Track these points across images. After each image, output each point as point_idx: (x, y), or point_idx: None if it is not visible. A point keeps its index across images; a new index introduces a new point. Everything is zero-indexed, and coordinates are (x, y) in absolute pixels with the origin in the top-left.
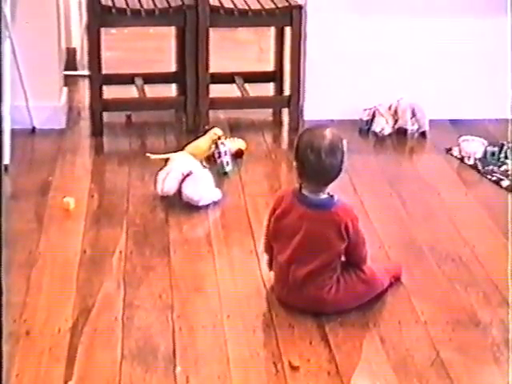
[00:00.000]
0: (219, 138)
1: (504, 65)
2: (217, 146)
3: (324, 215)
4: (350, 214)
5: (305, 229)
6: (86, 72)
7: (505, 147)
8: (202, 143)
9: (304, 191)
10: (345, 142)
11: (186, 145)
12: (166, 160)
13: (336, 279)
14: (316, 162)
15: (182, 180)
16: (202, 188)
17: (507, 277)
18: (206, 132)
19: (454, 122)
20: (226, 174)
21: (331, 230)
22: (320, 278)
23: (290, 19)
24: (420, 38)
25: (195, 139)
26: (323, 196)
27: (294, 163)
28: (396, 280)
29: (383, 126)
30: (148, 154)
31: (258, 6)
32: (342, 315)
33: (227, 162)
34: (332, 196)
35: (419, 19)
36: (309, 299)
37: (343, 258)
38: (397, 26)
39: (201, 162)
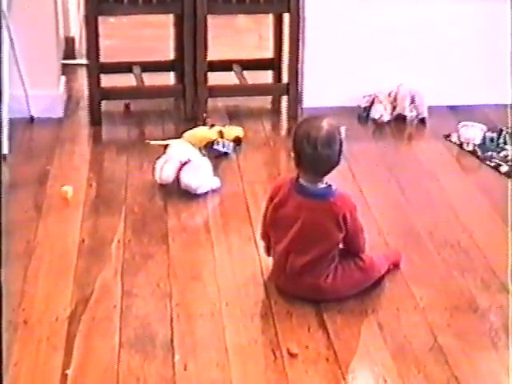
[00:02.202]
0: (221, 136)
1: (502, 51)
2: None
3: (322, 205)
4: (348, 203)
5: (302, 219)
6: (84, 61)
7: (503, 133)
8: (201, 131)
9: (301, 181)
10: (343, 129)
11: (182, 133)
12: (165, 147)
13: (334, 267)
14: (312, 153)
15: (180, 168)
16: (201, 176)
17: (506, 262)
18: (205, 123)
19: (452, 108)
20: (226, 154)
21: (329, 220)
22: (318, 267)
23: (287, 6)
24: (419, 24)
25: (193, 127)
26: (321, 186)
27: (292, 153)
28: (395, 267)
29: (382, 112)
30: (147, 141)
31: None
32: (341, 302)
33: (227, 143)
34: (330, 186)
35: (418, 5)
36: (306, 288)
37: (341, 246)
38: (396, 13)
39: (199, 149)
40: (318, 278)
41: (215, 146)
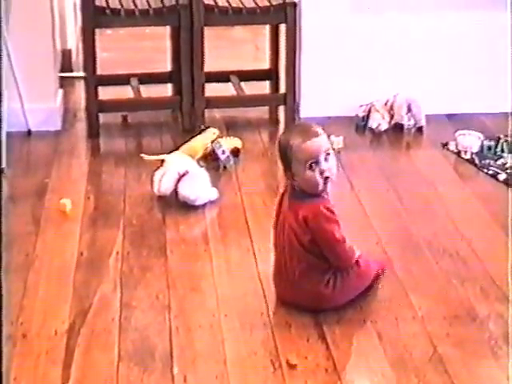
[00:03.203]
0: (219, 137)
1: (500, 59)
2: (216, 146)
3: (298, 207)
4: (317, 211)
5: (287, 222)
6: (82, 73)
7: (501, 141)
8: (198, 143)
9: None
10: (340, 139)
11: (180, 145)
12: (162, 160)
13: (333, 273)
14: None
15: (179, 180)
16: (199, 187)
17: (505, 271)
18: (200, 132)
19: (450, 116)
20: (225, 168)
21: (297, 225)
22: (313, 273)
23: (284, 17)
24: (415, 33)
25: (190, 139)
26: None
27: (287, 172)
28: (381, 271)
29: (379, 121)
30: (142, 155)
31: (252, 4)
32: (339, 312)
33: (228, 157)
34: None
35: (414, 15)
36: (307, 295)
37: None
38: (392, 22)
39: (197, 161)
40: (317, 284)
41: (216, 151)
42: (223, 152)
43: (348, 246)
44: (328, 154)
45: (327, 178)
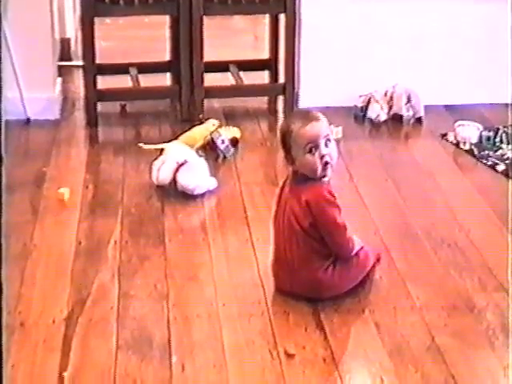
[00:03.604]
0: (219, 127)
1: (499, 50)
2: (215, 136)
3: (300, 191)
4: (320, 194)
5: (288, 206)
6: (81, 62)
7: (500, 131)
8: (197, 132)
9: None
10: (340, 129)
11: (179, 134)
12: (161, 149)
13: (332, 261)
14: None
15: (177, 169)
16: (198, 177)
17: (503, 261)
18: (201, 123)
19: (449, 107)
20: (225, 157)
21: (299, 209)
22: (311, 258)
23: (284, 6)
24: (415, 23)
25: (190, 129)
26: None
27: (286, 155)
28: (377, 261)
29: (378, 112)
30: (141, 144)
31: None
32: (337, 302)
33: (227, 147)
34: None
35: (414, 5)
36: (305, 281)
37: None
38: (391, 12)
39: (196, 151)
40: (316, 270)
41: (216, 140)
42: (222, 141)
43: (348, 235)
44: (328, 139)
45: (327, 163)
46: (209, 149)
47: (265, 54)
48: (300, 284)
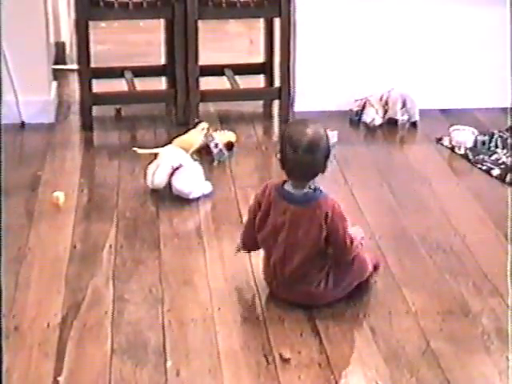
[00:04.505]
0: (208, 131)
1: (493, 54)
2: (209, 140)
3: (305, 211)
4: (331, 202)
5: (288, 225)
6: (75, 66)
7: (495, 136)
8: (191, 136)
9: (286, 186)
10: (335, 134)
11: (173, 138)
12: (156, 154)
13: (325, 274)
14: (294, 158)
15: (172, 173)
16: (193, 181)
17: (498, 266)
18: (195, 126)
19: (444, 111)
20: (219, 161)
21: (313, 224)
22: (308, 273)
23: (278, 10)
24: (410, 27)
25: (184, 133)
26: (305, 190)
27: (278, 155)
28: (375, 269)
29: (374, 116)
30: (135, 149)
31: None
32: (333, 307)
33: (220, 151)
34: (315, 189)
35: (409, 9)
36: (299, 295)
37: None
38: (386, 17)
39: (191, 155)
40: (309, 284)
41: (209, 144)
42: (216, 145)
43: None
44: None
45: None
46: (203, 153)
47: (260, 58)
48: (293, 295)
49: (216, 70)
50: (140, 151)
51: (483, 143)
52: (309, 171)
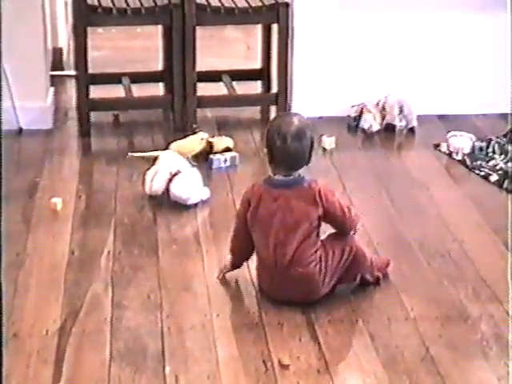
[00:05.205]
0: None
1: (491, 60)
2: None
3: (296, 191)
4: (318, 183)
5: (281, 209)
6: (73, 72)
7: (493, 142)
8: (190, 141)
9: (276, 177)
10: (333, 139)
11: (170, 142)
12: (154, 159)
13: (319, 256)
14: (282, 147)
15: (170, 179)
16: (191, 187)
17: (496, 272)
18: (193, 133)
19: (441, 117)
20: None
21: (306, 200)
22: (304, 255)
23: (276, 16)
24: (407, 33)
25: (182, 138)
26: (294, 176)
27: (265, 149)
28: (383, 272)
29: (371, 122)
30: (130, 154)
31: (244, 4)
32: (332, 312)
33: (230, 164)
34: (303, 176)
35: (407, 15)
36: (297, 280)
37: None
38: (384, 23)
39: (188, 160)
40: (306, 266)
41: (214, 165)
42: (225, 161)
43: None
44: None
45: None
46: (201, 159)
47: (257, 64)
48: (290, 286)
49: (213, 76)
50: (135, 155)
51: (481, 149)
52: (297, 160)
